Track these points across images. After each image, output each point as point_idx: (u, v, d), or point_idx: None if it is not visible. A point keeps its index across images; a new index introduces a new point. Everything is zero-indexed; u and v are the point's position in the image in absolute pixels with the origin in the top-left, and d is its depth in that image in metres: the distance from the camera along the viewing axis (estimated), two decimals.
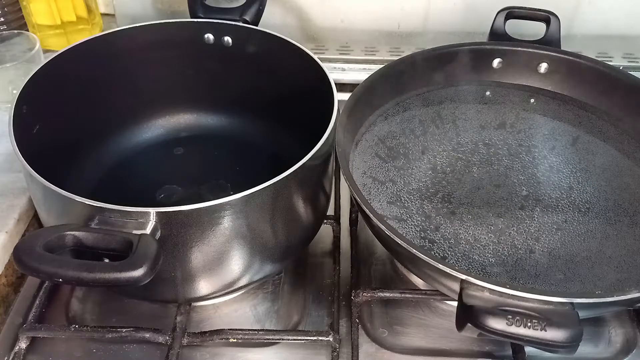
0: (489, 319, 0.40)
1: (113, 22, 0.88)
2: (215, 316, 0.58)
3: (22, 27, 0.82)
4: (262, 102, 0.70)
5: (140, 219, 0.43)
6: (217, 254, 0.48)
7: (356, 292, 0.56)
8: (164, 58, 0.68)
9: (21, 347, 0.53)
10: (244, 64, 0.68)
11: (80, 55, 0.62)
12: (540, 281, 0.51)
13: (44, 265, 0.40)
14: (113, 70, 0.66)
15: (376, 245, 0.64)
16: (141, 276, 0.40)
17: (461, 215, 0.56)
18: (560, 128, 0.67)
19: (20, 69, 0.70)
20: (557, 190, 0.59)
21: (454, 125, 0.67)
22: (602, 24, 0.82)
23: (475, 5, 0.81)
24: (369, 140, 0.64)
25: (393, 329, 0.57)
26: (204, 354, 0.54)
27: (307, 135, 0.53)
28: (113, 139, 0.69)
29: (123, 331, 0.53)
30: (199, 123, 0.73)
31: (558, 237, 0.54)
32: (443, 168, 0.61)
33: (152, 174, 0.68)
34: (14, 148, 0.49)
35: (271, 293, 0.60)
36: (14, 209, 0.60)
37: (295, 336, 0.55)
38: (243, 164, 0.69)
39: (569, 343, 0.40)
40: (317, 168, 0.53)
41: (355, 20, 0.84)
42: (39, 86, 0.57)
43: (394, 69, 0.67)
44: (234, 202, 0.45)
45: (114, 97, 0.67)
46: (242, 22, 0.67)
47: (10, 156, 0.63)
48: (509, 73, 0.71)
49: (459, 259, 0.52)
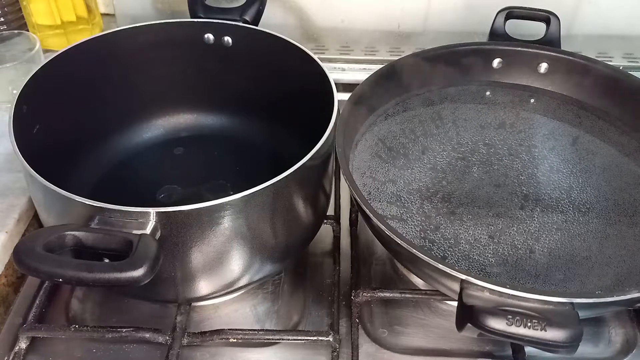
0: (489, 319, 0.40)
1: (113, 22, 0.88)
2: (215, 316, 0.58)
3: (22, 27, 0.82)
4: (262, 102, 0.70)
5: (140, 219, 0.43)
6: (217, 254, 0.48)
7: (356, 292, 0.56)
8: (164, 58, 0.68)
9: (21, 347, 0.53)
10: (244, 64, 0.68)
11: (81, 55, 0.62)
12: (540, 281, 0.51)
13: (44, 265, 0.40)
14: (113, 70, 0.66)
15: (376, 245, 0.64)
16: (141, 276, 0.40)
17: (461, 215, 0.56)
18: (560, 128, 0.67)
19: (20, 69, 0.70)
20: (557, 190, 0.59)
21: (454, 125, 0.67)
22: (602, 24, 0.82)
23: (475, 5, 0.81)
24: (369, 140, 0.64)
25: (393, 329, 0.57)
26: (204, 354, 0.54)
27: (307, 135, 0.53)
28: (113, 138, 0.69)
29: (123, 331, 0.53)
30: (199, 123, 0.74)
31: (558, 237, 0.54)
32: (443, 168, 0.61)
33: (152, 174, 0.68)
34: (14, 148, 0.49)
35: (271, 293, 0.60)
36: (14, 209, 0.60)
37: (295, 336, 0.55)
38: (243, 164, 0.69)
39: (569, 343, 0.40)
40: (317, 168, 0.53)
41: (355, 20, 0.84)
42: (39, 86, 0.57)
43: (394, 69, 0.67)
44: (234, 202, 0.45)
45: (114, 97, 0.67)
46: (242, 22, 0.67)
47: (11, 156, 0.63)
48: (509, 73, 0.71)
49: (459, 259, 0.52)
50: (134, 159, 0.70)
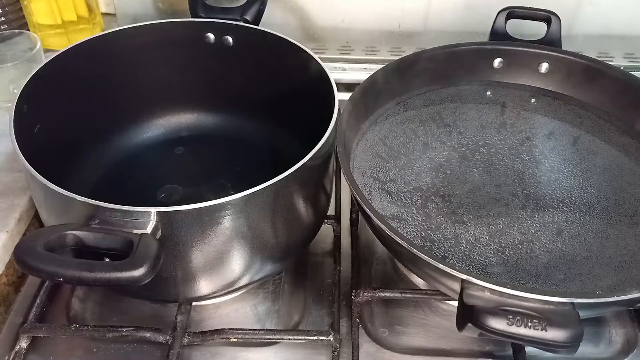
0: (490, 319, 0.40)
1: (114, 21, 0.88)
2: (215, 316, 0.58)
3: (23, 27, 0.82)
4: (263, 101, 0.70)
5: (140, 218, 0.43)
6: (218, 253, 0.48)
7: (357, 292, 0.56)
8: (164, 58, 0.68)
9: (22, 347, 0.53)
10: (244, 63, 0.68)
11: (81, 54, 0.62)
12: (541, 281, 0.51)
13: (44, 265, 0.40)
14: (114, 70, 0.66)
15: (377, 245, 0.64)
16: (142, 276, 0.40)
17: (462, 215, 0.56)
18: (561, 128, 0.67)
19: (21, 68, 0.70)
20: (558, 190, 0.59)
21: (455, 125, 0.67)
22: (603, 24, 0.82)
23: (475, 5, 0.81)
24: (370, 139, 0.64)
25: (393, 329, 0.57)
26: (205, 353, 0.54)
27: (307, 135, 0.53)
28: (114, 138, 0.69)
29: (123, 330, 0.53)
30: (199, 123, 0.74)
31: (559, 237, 0.54)
32: (444, 168, 0.61)
33: (153, 173, 0.68)
34: (15, 147, 0.49)
35: (272, 293, 0.60)
36: (15, 209, 0.60)
37: (295, 336, 0.55)
38: (243, 163, 0.69)
39: (569, 343, 0.40)
40: (317, 168, 0.53)
41: (355, 20, 0.84)
42: (39, 86, 0.57)
43: (395, 69, 0.67)
44: (234, 201, 0.45)
45: (115, 96, 0.67)
46: (243, 22, 0.67)
47: (11, 156, 0.63)
48: (510, 73, 0.71)
49: (459, 258, 0.52)
50: (134, 158, 0.70)
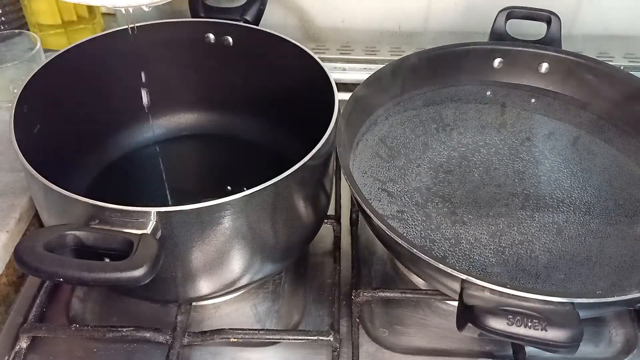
0: (490, 319, 0.40)
1: (114, 21, 0.88)
2: (215, 316, 0.58)
3: (23, 27, 0.82)
4: (263, 101, 0.70)
5: (140, 218, 0.43)
6: (218, 253, 0.48)
7: (357, 292, 0.56)
8: (164, 58, 0.68)
9: (22, 347, 0.53)
10: (244, 63, 0.68)
11: (81, 54, 0.62)
12: (541, 281, 0.51)
13: (44, 265, 0.40)
14: (114, 70, 0.66)
15: (377, 245, 0.64)
16: (142, 276, 0.40)
17: (462, 215, 0.56)
18: (561, 128, 0.67)
19: (21, 68, 0.70)
20: (558, 190, 0.59)
21: (455, 125, 0.67)
22: (603, 24, 0.82)
23: (476, 5, 0.81)
24: (370, 140, 0.64)
25: (393, 329, 0.57)
26: (205, 353, 0.54)
27: (307, 135, 0.53)
28: (114, 138, 0.69)
29: (124, 331, 0.53)
30: (199, 122, 0.74)
31: (559, 237, 0.54)
32: (444, 168, 0.61)
33: (153, 173, 0.68)
34: (15, 147, 0.49)
35: (272, 293, 0.60)
36: (15, 209, 0.60)
37: (295, 336, 0.55)
38: (243, 163, 0.69)
39: (569, 343, 0.40)
40: (317, 168, 0.53)
41: (356, 20, 0.84)
42: (39, 86, 0.57)
43: (395, 69, 0.67)
44: (234, 201, 0.45)
45: (114, 96, 0.67)
46: (243, 22, 0.67)
47: (11, 156, 0.63)
48: (510, 73, 0.71)
49: (459, 258, 0.52)
50: (134, 158, 0.70)
